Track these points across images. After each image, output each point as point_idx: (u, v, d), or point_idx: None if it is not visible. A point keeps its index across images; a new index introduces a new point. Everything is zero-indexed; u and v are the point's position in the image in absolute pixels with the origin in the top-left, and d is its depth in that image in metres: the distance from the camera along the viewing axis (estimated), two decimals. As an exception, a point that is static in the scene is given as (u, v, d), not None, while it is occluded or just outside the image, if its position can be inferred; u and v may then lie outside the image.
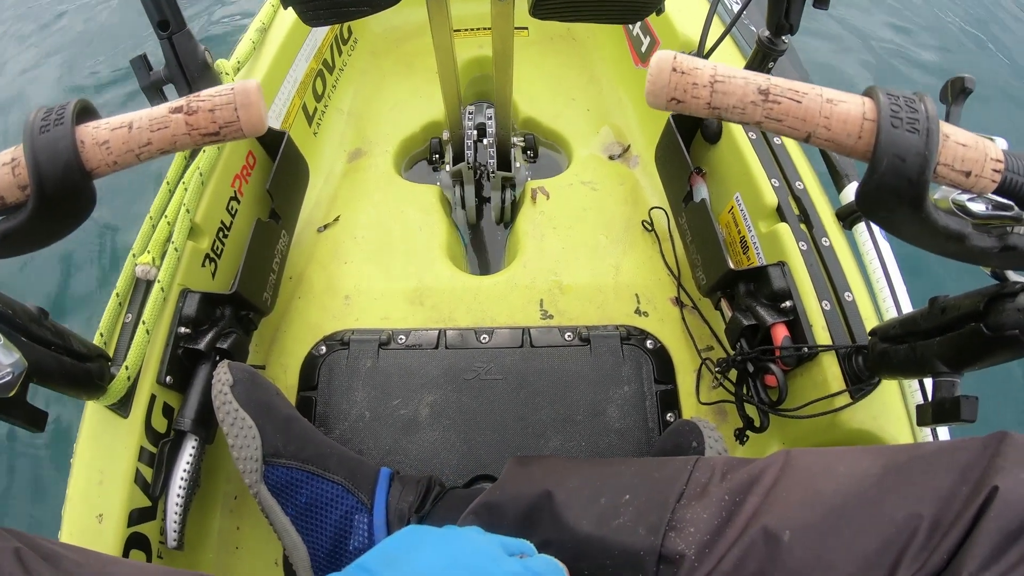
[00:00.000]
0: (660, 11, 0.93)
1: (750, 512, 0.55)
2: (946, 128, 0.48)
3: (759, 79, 0.50)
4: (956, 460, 0.49)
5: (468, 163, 1.42)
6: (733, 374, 1.02)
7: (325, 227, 1.40)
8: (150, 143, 0.55)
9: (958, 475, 0.48)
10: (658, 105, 0.53)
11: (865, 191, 0.48)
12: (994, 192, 0.50)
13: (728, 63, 1.14)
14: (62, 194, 0.52)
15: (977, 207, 0.53)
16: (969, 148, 0.48)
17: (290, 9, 0.91)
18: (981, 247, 0.52)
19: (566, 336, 1.16)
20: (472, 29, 1.79)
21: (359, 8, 0.93)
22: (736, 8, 1.29)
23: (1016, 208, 0.52)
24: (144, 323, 0.91)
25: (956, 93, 0.55)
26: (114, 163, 0.55)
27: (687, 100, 0.51)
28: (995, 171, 0.48)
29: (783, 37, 0.97)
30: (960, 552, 0.45)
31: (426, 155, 1.63)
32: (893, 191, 0.47)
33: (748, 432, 0.97)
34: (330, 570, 0.86)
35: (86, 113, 0.56)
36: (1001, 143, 0.52)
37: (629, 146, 1.52)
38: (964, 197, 0.53)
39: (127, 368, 0.87)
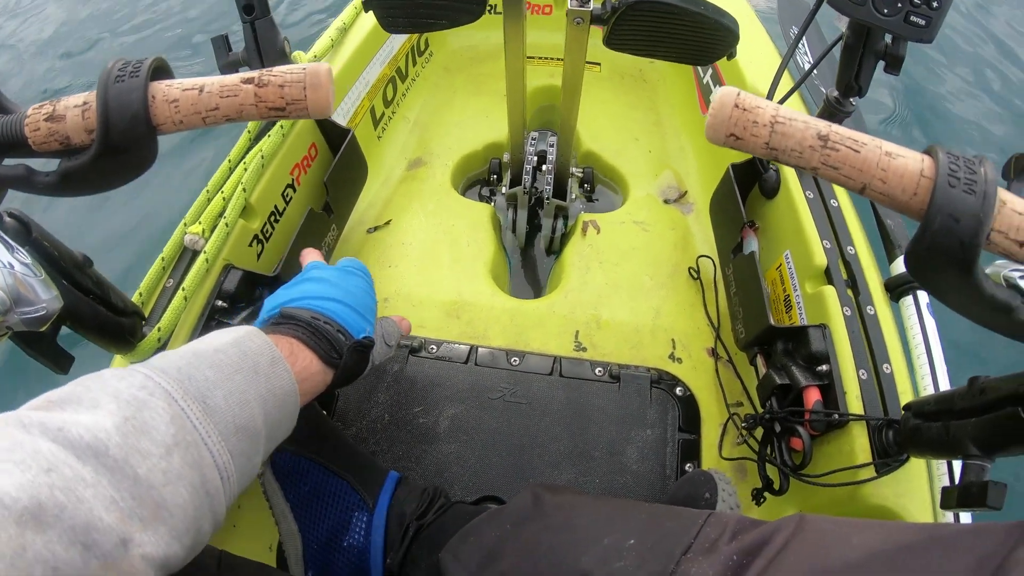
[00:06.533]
0: (732, 56, 0.93)
1: (755, 574, 0.53)
2: (1004, 195, 0.46)
3: (820, 124, 0.49)
4: (975, 546, 0.46)
5: (524, 187, 1.42)
6: (759, 432, 0.99)
7: (375, 229, 1.41)
8: (217, 108, 0.57)
9: (975, 563, 0.45)
10: (717, 140, 0.52)
11: (915, 250, 0.47)
12: (1050, 267, 0.48)
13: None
14: (125, 143, 0.54)
15: (1028, 284, 0.52)
16: (1026, 218, 0.46)
17: (370, 15, 0.93)
18: (1029, 323, 0.50)
19: (596, 371, 1.14)
20: (545, 58, 1.81)
21: (437, 21, 0.95)
22: (807, 65, 1.28)
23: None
24: (184, 289, 0.93)
25: (1019, 170, 0.54)
26: (180, 122, 0.56)
27: (746, 137, 0.51)
28: (1051, 245, 0.47)
29: (851, 99, 0.96)
30: None
31: (484, 176, 1.64)
32: (944, 252, 0.45)
33: (766, 493, 0.95)
34: (321, 563, 0.86)
35: (161, 71, 0.58)
36: None
37: (686, 192, 1.51)
38: (1016, 273, 0.52)
39: (159, 329, 0.89)
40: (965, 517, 0.80)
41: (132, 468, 0.44)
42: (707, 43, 0.91)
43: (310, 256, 0.90)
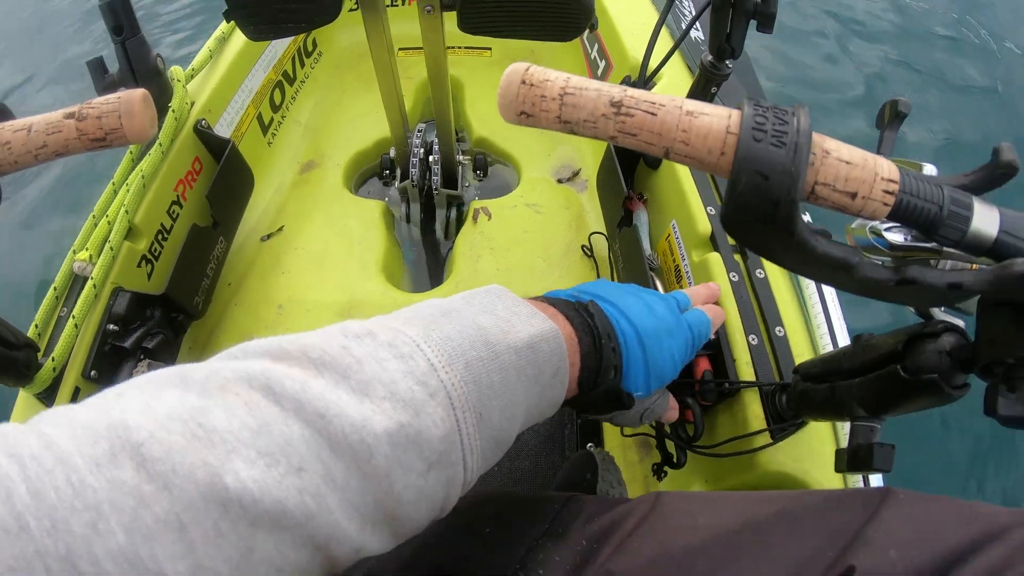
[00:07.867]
0: (594, 27, 0.91)
1: (602, 560, 0.49)
2: (827, 143, 0.43)
3: (613, 91, 0.46)
4: (827, 521, 0.43)
5: (412, 180, 1.39)
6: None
7: (269, 236, 1.38)
8: (46, 145, 0.59)
9: (824, 540, 0.41)
10: (509, 119, 0.50)
11: (726, 213, 0.43)
12: (888, 216, 0.44)
13: (675, 87, 1.12)
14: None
15: (895, 237, 0.48)
16: (855, 166, 0.42)
17: (242, 24, 0.94)
18: (875, 279, 0.47)
19: None
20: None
21: (297, 25, 0.97)
22: (693, 31, 1.26)
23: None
24: (74, 317, 0.93)
25: (891, 117, 0.51)
26: (15, 162, 0.59)
27: (536, 114, 0.48)
28: (887, 192, 0.42)
29: (727, 61, 0.94)
30: None
31: (377, 171, 1.61)
32: (757, 214, 0.42)
33: (666, 468, 0.92)
34: None
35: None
36: (930, 169, 0.47)
37: (580, 170, 1.49)
38: (882, 225, 0.49)
39: (53, 359, 0.90)
40: (874, 478, 0.79)
41: (390, 483, 0.39)
42: (559, 17, 0.88)
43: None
